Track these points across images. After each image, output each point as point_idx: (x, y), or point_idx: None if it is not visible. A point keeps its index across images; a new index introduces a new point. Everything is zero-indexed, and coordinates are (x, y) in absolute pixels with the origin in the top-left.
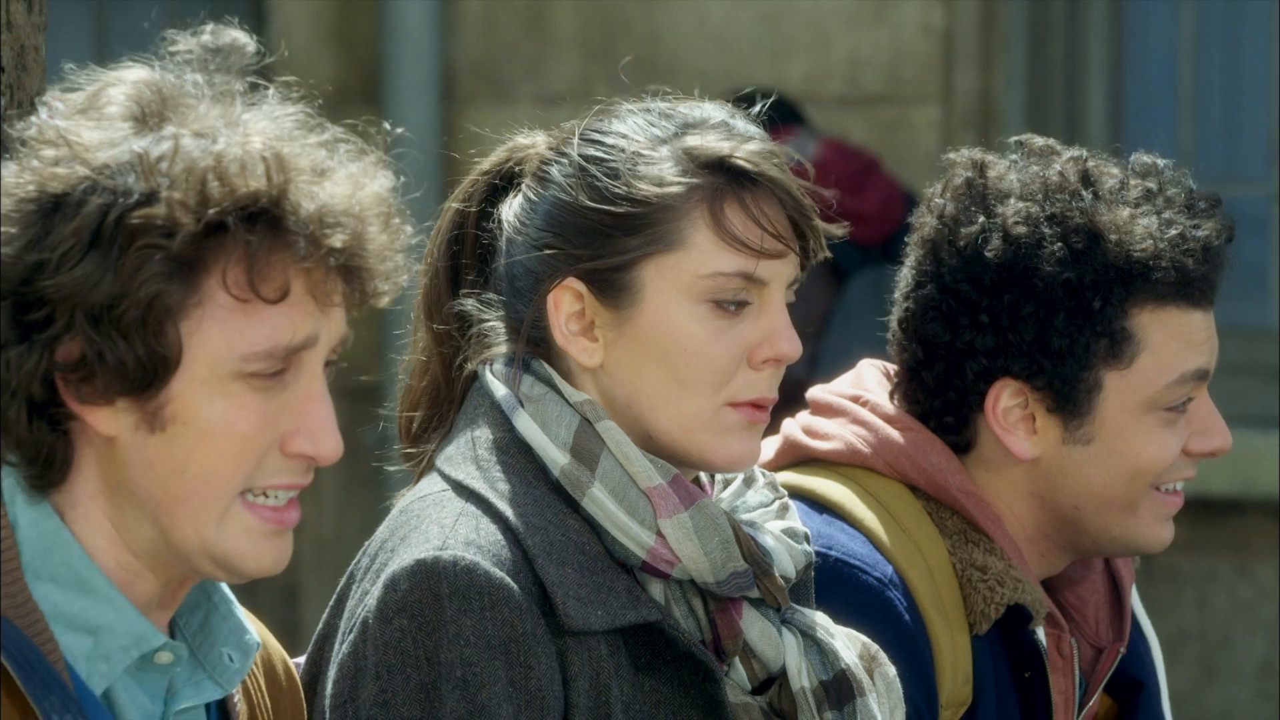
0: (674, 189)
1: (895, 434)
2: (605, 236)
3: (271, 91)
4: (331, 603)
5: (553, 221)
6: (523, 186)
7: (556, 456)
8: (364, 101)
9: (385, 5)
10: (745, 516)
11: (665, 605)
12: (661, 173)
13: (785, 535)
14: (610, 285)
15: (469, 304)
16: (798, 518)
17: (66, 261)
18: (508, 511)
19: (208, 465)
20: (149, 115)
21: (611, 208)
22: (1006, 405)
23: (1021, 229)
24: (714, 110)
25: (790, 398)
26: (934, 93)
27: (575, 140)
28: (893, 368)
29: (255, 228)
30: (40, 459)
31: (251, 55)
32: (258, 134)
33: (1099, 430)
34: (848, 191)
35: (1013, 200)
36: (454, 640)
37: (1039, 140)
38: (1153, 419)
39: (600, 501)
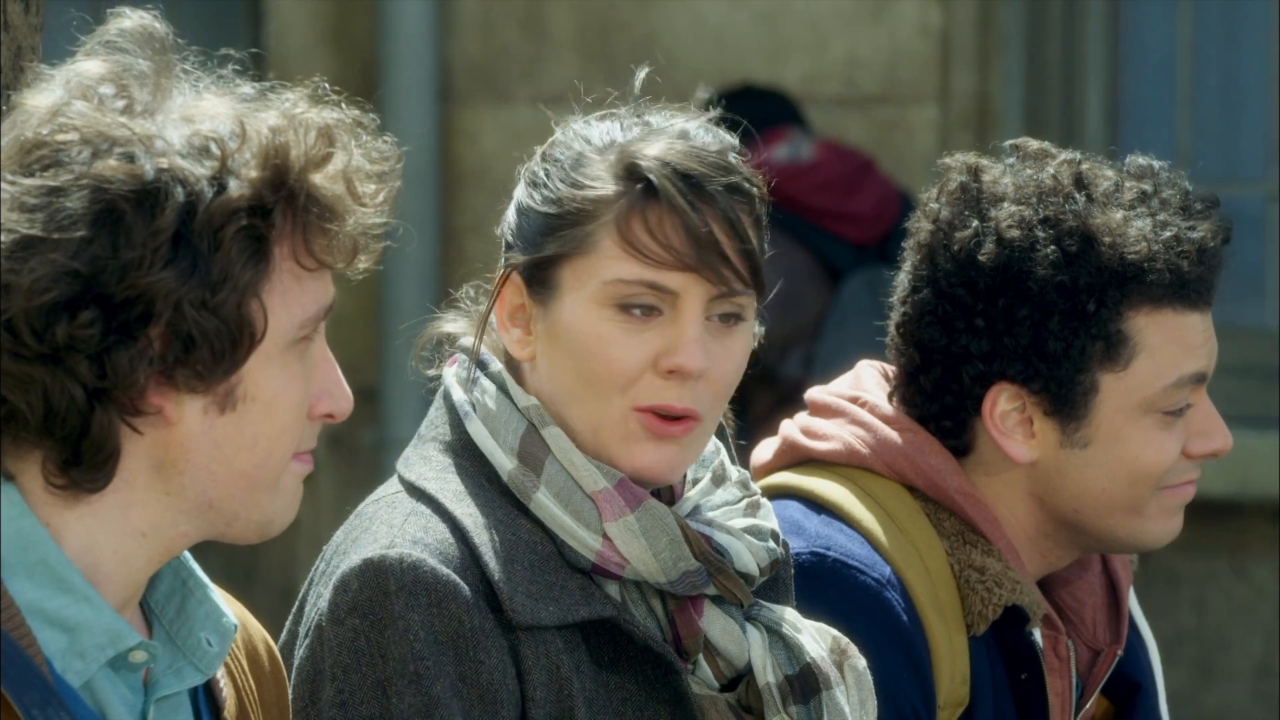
0: (589, 193)
1: (894, 435)
2: (538, 235)
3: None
4: (294, 609)
5: (515, 218)
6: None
7: (504, 462)
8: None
9: (383, 6)
10: (708, 515)
11: (622, 605)
12: (585, 177)
13: (748, 533)
14: (538, 282)
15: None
16: (770, 516)
17: (159, 255)
18: (457, 511)
19: (273, 436)
20: (135, 103)
21: (545, 209)
22: (1004, 409)
23: (1015, 232)
24: (688, 122)
25: (788, 398)
26: (931, 93)
27: (554, 139)
28: (891, 369)
29: (310, 198)
30: (108, 464)
31: (165, 37)
32: (300, 107)
33: (1096, 433)
34: (842, 192)
35: (1006, 204)
36: (403, 635)
37: (1034, 143)
38: (1150, 421)
39: (546, 506)
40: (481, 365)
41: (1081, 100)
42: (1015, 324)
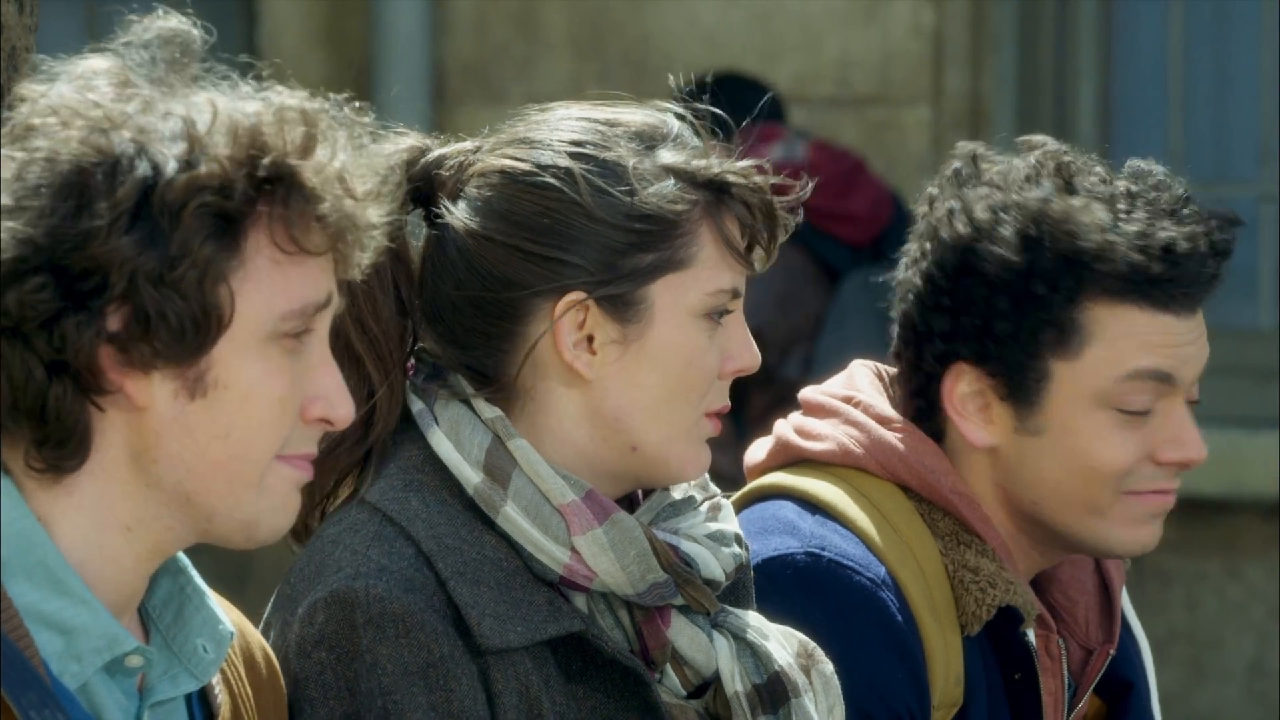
0: (676, 206)
1: (888, 435)
2: (618, 255)
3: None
4: (259, 629)
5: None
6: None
7: (469, 475)
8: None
9: (376, 6)
10: (669, 522)
11: (590, 616)
12: (661, 190)
13: (712, 539)
14: (623, 303)
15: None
16: (731, 518)
17: (117, 227)
18: (420, 533)
19: (249, 429)
20: (134, 97)
21: (626, 225)
22: (964, 392)
23: (984, 215)
24: (662, 118)
25: (785, 399)
26: (924, 93)
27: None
28: (885, 368)
29: (293, 184)
30: (73, 440)
31: (193, 43)
32: (285, 96)
33: (1050, 422)
34: (837, 193)
35: (983, 187)
36: (371, 670)
37: (1038, 139)
38: (1105, 417)
39: (514, 520)
40: (436, 374)
41: (1073, 101)
42: (971, 304)
